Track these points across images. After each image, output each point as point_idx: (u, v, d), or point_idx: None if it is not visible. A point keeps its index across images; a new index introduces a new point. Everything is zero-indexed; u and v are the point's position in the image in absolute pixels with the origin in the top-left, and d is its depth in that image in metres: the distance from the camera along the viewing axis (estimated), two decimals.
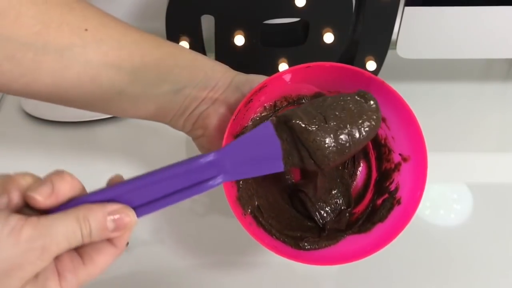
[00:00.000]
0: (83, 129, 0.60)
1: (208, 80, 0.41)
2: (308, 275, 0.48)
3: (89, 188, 0.32)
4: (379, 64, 0.61)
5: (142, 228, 0.52)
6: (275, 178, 0.45)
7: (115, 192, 0.31)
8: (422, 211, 0.53)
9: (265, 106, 0.43)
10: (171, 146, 0.58)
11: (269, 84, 0.39)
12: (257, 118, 0.43)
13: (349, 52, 0.61)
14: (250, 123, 0.42)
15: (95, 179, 0.55)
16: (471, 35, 0.58)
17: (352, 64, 0.61)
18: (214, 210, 0.53)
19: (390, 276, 0.48)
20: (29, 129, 0.61)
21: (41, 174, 0.60)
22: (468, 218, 0.53)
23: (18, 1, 0.36)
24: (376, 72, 0.61)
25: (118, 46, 0.40)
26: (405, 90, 0.41)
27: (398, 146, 0.42)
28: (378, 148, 0.44)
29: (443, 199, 0.55)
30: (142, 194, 0.32)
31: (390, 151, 0.43)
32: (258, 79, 0.40)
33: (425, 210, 0.54)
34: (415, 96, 0.66)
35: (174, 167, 0.33)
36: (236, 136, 0.41)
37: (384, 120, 0.42)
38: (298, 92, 0.43)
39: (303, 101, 0.43)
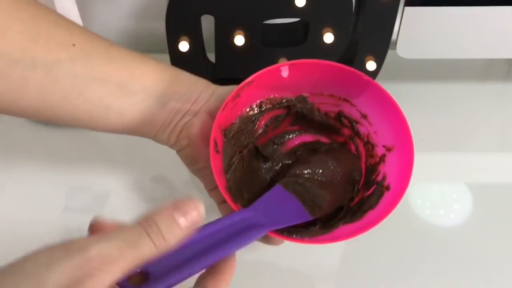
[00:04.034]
0: (83, 130, 0.60)
1: (191, 93, 0.43)
2: (306, 274, 0.48)
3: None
4: (379, 64, 0.61)
5: None
6: (257, 173, 0.46)
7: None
8: (422, 211, 0.53)
9: (251, 106, 0.44)
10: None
11: (255, 80, 0.41)
12: (244, 116, 0.44)
13: (349, 52, 0.61)
14: (237, 121, 0.43)
15: (94, 179, 0.55)
16: (471, 35, 0.58)
17: (352, 64, 0.61)
18: (214, 211, 0.53)
19: (390, 276, 0.48)
20: (29, 130, 0.61)
21: (41, 174, 0.60)
22: (468, 218, 0.53)
23: (5, 17, 0.36)
24: (376, 72, 0.61)
25: (105, 61, 0.40)
26: (405, 90, 0.41)
27: (381, 139, 0.43)
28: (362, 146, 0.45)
29: (443, 199, 0.55)
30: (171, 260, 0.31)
31: (373, 146, 0.44)
32: None
33: (425, 210, 0.54)
34: (415, 96, 0.66)
35: (208, 227, 0.33)
36: (224, 130, 0.42)
37: (365, 117, 0.43)
38: (281, 95, 0.45)
39: (284, 102, 0.45)
